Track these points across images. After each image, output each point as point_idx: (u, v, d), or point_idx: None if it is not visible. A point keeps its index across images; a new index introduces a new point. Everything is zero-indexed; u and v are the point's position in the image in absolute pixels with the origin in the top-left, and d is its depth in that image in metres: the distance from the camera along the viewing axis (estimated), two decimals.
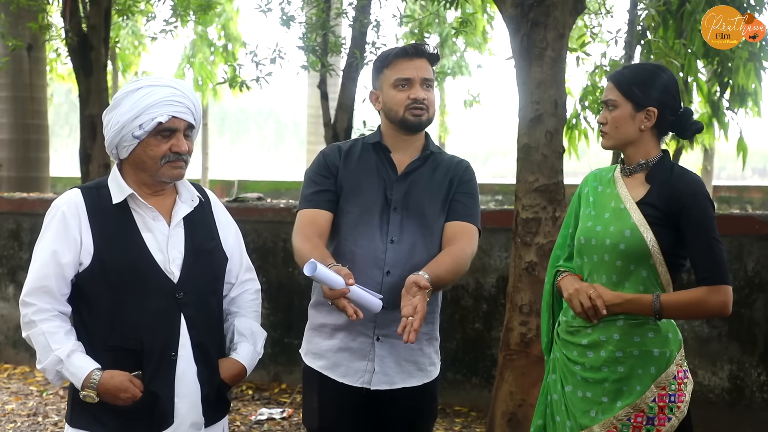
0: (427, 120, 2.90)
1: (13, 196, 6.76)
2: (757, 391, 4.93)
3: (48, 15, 7.83)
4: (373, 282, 2.81)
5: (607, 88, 2.70)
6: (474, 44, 14.48)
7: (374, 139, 2.96)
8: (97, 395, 2.45)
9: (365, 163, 2.93)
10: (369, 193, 2.89)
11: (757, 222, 4.91)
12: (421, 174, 2.93)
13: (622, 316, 2.60)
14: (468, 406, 5.39)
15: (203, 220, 2.66)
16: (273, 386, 5.79)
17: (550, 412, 2.74)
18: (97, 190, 2.57)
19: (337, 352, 2.88)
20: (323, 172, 2.93)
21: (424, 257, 2.85)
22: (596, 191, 2.75)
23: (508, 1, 3.94)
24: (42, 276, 2.49)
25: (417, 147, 2.97)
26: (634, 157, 2.68)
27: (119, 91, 2.56)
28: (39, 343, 2.49)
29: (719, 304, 2.54)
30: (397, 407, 2.92)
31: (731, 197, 14.13)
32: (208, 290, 2.64)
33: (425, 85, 2.89)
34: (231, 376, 2.66)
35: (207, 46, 14.78)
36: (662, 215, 2.59)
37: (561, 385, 2.71)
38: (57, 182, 15.10)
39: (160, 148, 2.50)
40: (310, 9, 6.24)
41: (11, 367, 6.44)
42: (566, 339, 2.71)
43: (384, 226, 2.87)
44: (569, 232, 2.83)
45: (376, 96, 2.97)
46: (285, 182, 16.07)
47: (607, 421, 2.59)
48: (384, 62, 2.93)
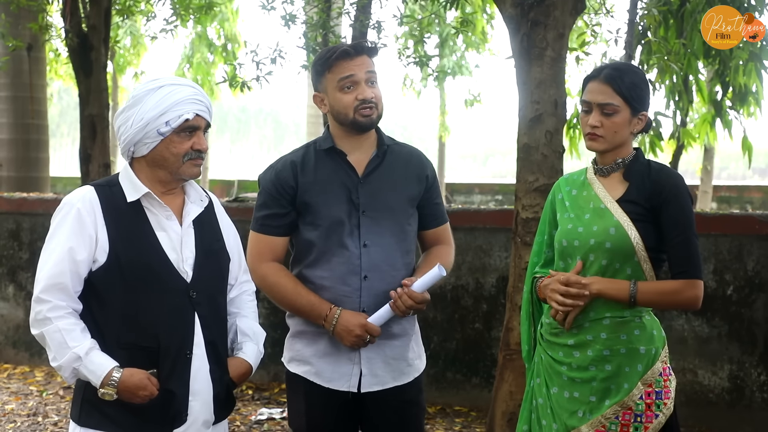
0: (377, 117, 2.88)
1: (13, 196, 6.76)
2: (757, 391, 4.93)
3: (48, 15, 7.82)
4: (351, 288, 2.84)
5: (600, 91, 2.63)
6: (473, 44, 14.47)
7: (326, 145, 2.91)
8: (116, 393, 2.45)
9: (323, 172, 2.89)
10: (334, 202, 2.86)
11: (757, 222, 4.91)
12: (382, 172, 2.91)
13: (609, 315, 2.61)
14: (468, 406, 5.39)
15: (210, 221, 2.69)
16: (273, 386, 5.80)
17: (535, 416, 2.73)
18: (109, 188, 2.57)
19: (321, 358, 2.88)
20: (275, 193, 2.90)
21: (399, 256, 2.89)
22: (571, 195, 2.74)
23: (508, 1, 3.94)
24: (57, 273, 2.48)
25: (371, 143, 2.94)
26: (612, 157, 2.69)
27: (136, 90, 2.57)
28: (54, 341, 2.46)
29: (693, 297, 2.59)
30: (387, 404, 2.92)
31: (731, 197, 14.14)
32: (217, 290, 2.66)
33: (370, 82, 2.85)
34: (239, 374, 2.68)
35: (206, 46, 14.78)
36: (644, 211, 2.61)
37: (546, 387, 2.70)
38: (57, 182, 15.11)
39: (183, 146, 2.52)
40: (312, 8, 6.24)
41: (11, 367, 6.43)
42: (551, 340, 2.70)
43: (354, 230, 2.86)
44: (544, 239, 2.82)
45: (321, 98, 2.92)
46: None
47: (595, 420, 2.60)
48: (325, 65, 2.87)
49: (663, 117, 6.85)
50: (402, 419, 2.97)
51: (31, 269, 6.47)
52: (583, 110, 2.68)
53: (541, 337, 2.76)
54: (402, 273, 2.90)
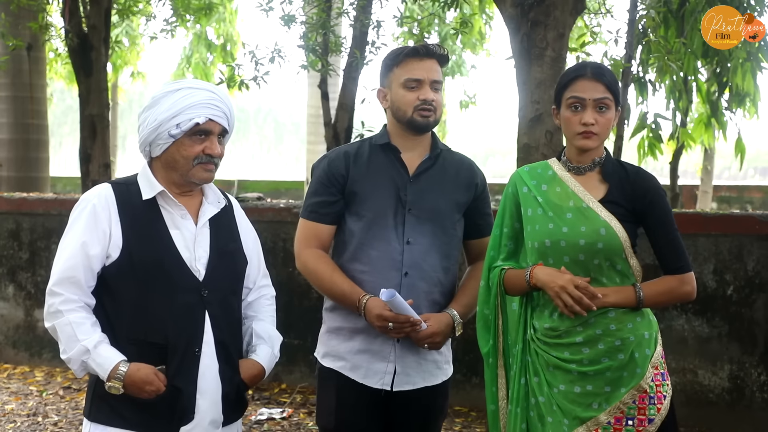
0: (434, 121, 2.92)
1: (13, 196, 6.76)
2: (757, 391, 4.93)
3: (48, 15, 7.83)
4: (391, 284, 2.86)
5: (593, 88, 2.63)
6: (470, 44, 14.47)
7: (382, 140, 2.96)
8: (123, 387, 2.47)
9: (376, 166, 2.94)
10: (382, 195, 2.91)
11: (757, 222, 4.91)
12: (433, 174, 2.95)
13: (612, 308, 2.64)
14: (468, 406, 5.38)
15: (227, 223, 2.71)
16: (273, 386, 5.79)
17: (535, 414, 2.72)
18: (126, 186, 2.61)
19: (357, 354, 2.90)
20: (326, 181, 2.94)
21: (441, 257, 2.93)
22: (541, 190, 2.72)
23: (508, 1, 3.94)
24: (70, 267, 2.51)
25: (425, 146, 2.98)
26: (591, 156, 2.70)
27: (157, 91, 2.61)
28: (65, 333, 2.50)
29: (690, 290, 2.71)
30: (414, 406, 2.95)
31: (731, 197, 14.12)
32: (230, 291, 2.68)
33: (434, 87, 2.90)
34: (251, 376, 2.68)
35: (204, 46, 14.77)
36: (626, 212, 2.66)
37: (548, 386, 2.69)
38: (57, 182, 15.10)
39: (193, 149, 2.55)
40: (311, 8, 6.24)
41: (11, 367, 6.43)
42: (555, 342, 2.68)
43: (399, 227, 2.90)
44: (504, 232, 2.80)
45: (384, 94, 2.97)
46: (285, 182, 16.06)
47: (613, 408, 2.62)
48: (394, 61, 2.92)
49: (662, 119, 6.85)
50: (423, 423, 3.01)
51: (31, 269, 6.47)
52: (571, 108, 2.65)
53: (536, 341, 2.72)
54: (441, 275, 2.94)
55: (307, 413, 5.27)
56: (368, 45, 6.13)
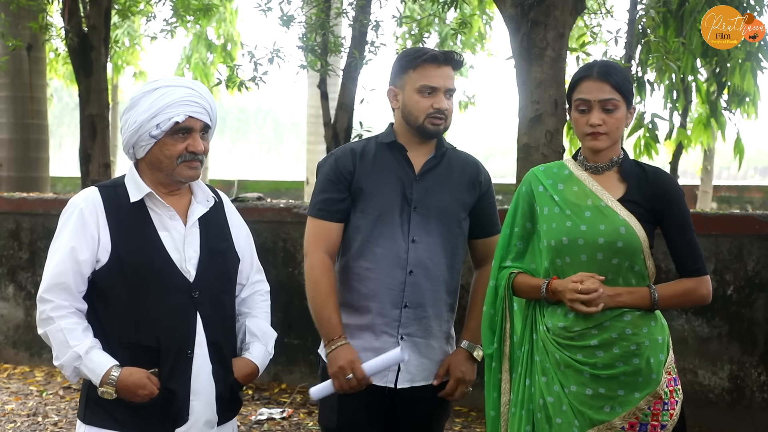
0: (444, 129, 2.93)
1: (13, 196, 6.76)
2: (757, 391, 4.93)
3: (48, 15, 7.83)
4: (396, 282, 2.87)
5: (599, 88, 2.63)
6: (469, 45, 14.46)
7: (389, 139, 2.96)
8: (116, 392, 2.46)
9: (382, 163, 2.93)
10: (388, 193, 2.90)
11: (757, 222, 4.91)
12: (438, 172, 2.95)
13: (628, 311, 2.62)
14: (468, 406, 5.38)
15: (217, 221, 2.68)
16: (273, 386, 5.79)
17: (542, 416, 2.69)
18: (114, 189, 2.59)
19: (361, 352, 2.89)
20: (334, 178, 2.93)
21: (446, 256, 2.93)
22: (557, 189, 2.71)
23: (508, 1, 3.94)
24: (60, 272, 2.50)
25: (431, 145, 2.98)
26: (608, 155, 2.69)
27: (136, 91, 2.59)
28: (57, 340, 2.49)
29: (707, 293, 2.71)
30: (416, 405, 2.95)
31: (731, 197, 14.12)
32: (222, 290, 2.66)
33: (448, 95, 2.90)
34: (244, 375, 2.68)
35: (205, 47, 14.77)
36: (645, 212, 2.64)
37: (560, 386, 2.66)
38: (57, 182, 15.10)
39: (176, 148, 2.52)
40: (310, 9, 6.25)
41: (11, 367, 6.43)
42: (567, 343, 2.65)
43: (405, 225, 2.90)
44: (515, 231, 2.79)
45: (395, 94, 2.94)
46: (285, 182, 16.07)
47: (629, 413, 2.61)
48: (411, 63, 2.89)
49: (659, 119, 6.85)
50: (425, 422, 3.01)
51: (31, 269, 6.47)
52: (578, 110, 2.66)
53: (549, 341, 2.69)
54: (445, 274, 2.95)
55: (307, 413, 5.27)
56: (367, 45, 6.13)
